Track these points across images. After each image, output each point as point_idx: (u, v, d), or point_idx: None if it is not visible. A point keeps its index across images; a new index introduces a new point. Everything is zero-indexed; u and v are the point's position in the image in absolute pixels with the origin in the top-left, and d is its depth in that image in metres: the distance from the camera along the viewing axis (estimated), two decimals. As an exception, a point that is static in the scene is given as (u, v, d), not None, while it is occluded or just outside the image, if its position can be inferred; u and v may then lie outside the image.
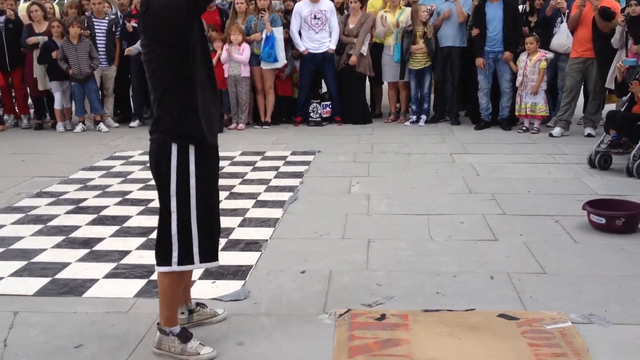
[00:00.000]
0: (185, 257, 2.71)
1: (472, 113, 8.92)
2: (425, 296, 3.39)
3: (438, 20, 8.59)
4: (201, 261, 2.74)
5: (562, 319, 3.07)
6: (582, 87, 8.04)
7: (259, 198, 5.35)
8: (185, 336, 2.81)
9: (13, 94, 9.48)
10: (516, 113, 8.22)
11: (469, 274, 3.67)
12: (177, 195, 2.67)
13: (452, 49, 8.53)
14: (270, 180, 5.95)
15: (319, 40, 8.77)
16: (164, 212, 2.71)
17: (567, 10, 7.87)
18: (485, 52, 8.18)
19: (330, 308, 3.25)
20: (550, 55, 7.98)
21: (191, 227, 2.70)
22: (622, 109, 6.40)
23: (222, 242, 4.15)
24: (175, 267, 2.72)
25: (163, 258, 2.73)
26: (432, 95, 9.21)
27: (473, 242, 4.20)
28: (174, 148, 2.65)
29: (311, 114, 9.04)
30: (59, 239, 4.39)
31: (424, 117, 8.91)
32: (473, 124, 8.63)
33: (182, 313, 3.04)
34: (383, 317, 3.14)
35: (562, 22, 7.99)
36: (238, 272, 3.72)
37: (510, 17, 8.07)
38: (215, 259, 2.83)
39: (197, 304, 3.14)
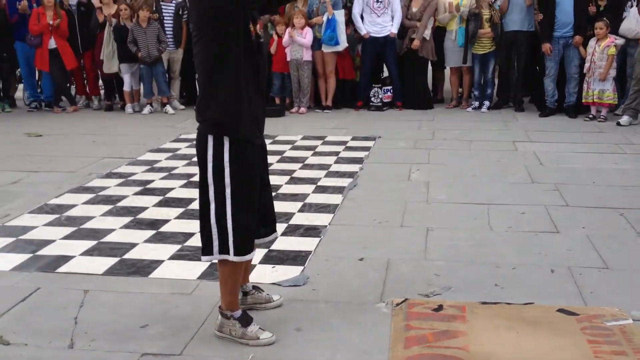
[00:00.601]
0: (224, 248, 2.76)
1: (537, 99, 8.71)
2: (484, 288, 3.38)
3: (504, 3, 8.38)
4: (235, 254, 2.77)
5: (623, 315, 3.01)
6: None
7: (319, 183, 5.41)
8: (245, 320, 2.89)
9: (85, 75, 9.85)
10: (583, 100, 7.98)
11: (528, 267, 3.63)
12: (214, 185, 2.72)
13: (519, 34, 8.32)
14: (331, 165, 6.01)
15: (381, 24, 8.72)
16: (203, 201, 2.77)
17: (640, -6, 7.56)
18: (554, 37, 7.94)
19: (387, 297, 3.29)
20: (620, 41, 7.69)
21: (227, 220, 2.73)
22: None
23: (282, 227, 4.25)
24: (216, 256, 2.78)
25: (205, 247, 2.81)
26: (496, 81, 9.04)
27: (534, 234, 4.14)
28: (210, 140, 2.70)
29: (372, 99, 9.02)
30: (127, 219, 4.58)
31: (486, 103, 8.76)
32: (538, 111, 8.43)
33: None
34: (440, 307, 3.15)
35: (632, 6, 7.69)
36: (297, 258, 3.80)
37: (581, 0, 7.80)
38: (249, 252, 2.83)
39: (254, 287, 3.20)
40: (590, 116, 7.89)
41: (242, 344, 2.84)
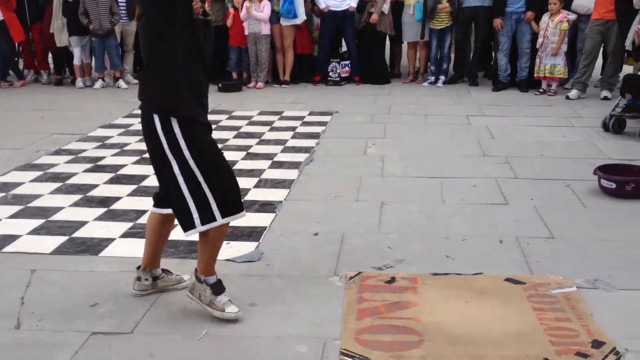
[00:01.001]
0: (206, 216, 2.71)
1: (492, 74, 8.82)
2: (435, 260, 3.44)
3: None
4: (223, 216, 2.72)
5: (568, 283, 3.11)
6: (601, 49, 7.88)
7: (275, 159, 5.39)
8: (217, 289, 2.86)
9: (33, 49, 9.53)
10: (535, 75, 8.11)
11: (478, 238, 3.71)
12: (176, 160, 2.67)
13: (478, 9, 8.35)
14: (287, 140, 5.99)
15: (340, -3, 8.65)
16: (168, 177, 2.71)
17: (591, -30, 7.66)
18: (507, 13, 8.02)
19: (341, 270, 3.32)
20: (572, 16, 7.83)
21: (202, 188, 2.68)
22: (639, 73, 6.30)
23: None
24: (199, 228, 2.73)
25: (185, 222, 2.75)
26: (452, 56, 9.10)
27: (484, 206, 4.22)
28: (156, 118, 2.65)
29: (330, 74, 9.00)
30: (76, 197, 4.49)
31: (442, 77, 8.83)
32: (492, 86, 8.54)
33: (146, 279, 3.07)
34: (393, 280, 3.20)
35: (584, -19, 7.79)
36: (252, 234, 3.79)
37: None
38: (239, 211, 2.79)
39: (163, 270, 3.14)
40: (541, 90, 8.04)
41: (206, 311, 2.84)
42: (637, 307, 2.91)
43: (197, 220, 2.72)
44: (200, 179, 2.68)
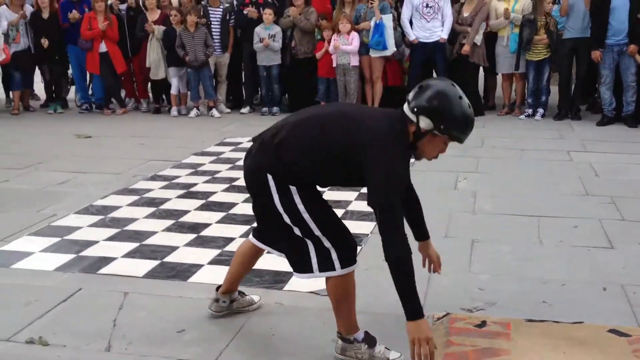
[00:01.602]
0: (325, 264, 2.64)
1: (597, 108, 8.41)
2: (530, 305, 3.23)
3: (562, 10, 8.12)
4: (342, 267, 2.64)
5: (678, 337, 2.83)
6: None
7: (362, 190, 5.31)
8: (371, 340, 2.77)
9: (134, 79, 10.01)
10: (642, 110, 7.67)
11: (579, 284, 3.47)
12: (287, 213, 2.62)
13: (580, 41, 8.04)
14: (375, 172, 5.89)
15: (430, 29, 8.58)
16: (280, 226, 2.66)
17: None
18: (608, 45, 7.67)
19: (428, 310, 3.15)
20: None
21: (320, 239, 2.62)
22: None
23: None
24: (317, 274, 2.66)
25: (302, 265, 2.69)
26: (551, 88, 8.77)
27: (586, 249, 3.96)
28: (271, 180, 2.61)
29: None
30: (169, 222, 4.59)
31: (540, 110, 8.51)
32: (597, 120, 8.13)
33: (224, 302, 3.10)
34: (484, 324, 3.03)
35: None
36: (337, 266, 3.71)
37: (637, 6, 7.49)
38: (354, 261, 2.73)
39: (239, 292, 3.16)
40: (651, 125, 7.58)
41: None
42: None
43: (315, 266, 2.65)
44: (317, 232, 2.62)
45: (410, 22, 8.67)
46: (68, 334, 2.99)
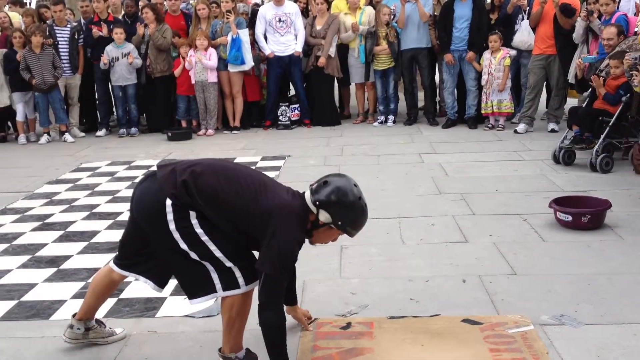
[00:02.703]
0: (229, 284, 2.62)
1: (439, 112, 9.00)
2: (399, 303, 3.39)
3: (399, 21, 8.56)
4: (247, 284, 2.64)
5: (525, 322, 3.09)
6: (545, 83, 8.14)
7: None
8: (252, 358, 2.77)
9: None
10: (482, 112, 8.30)
11: (441, 278, 3.69)
12: (184, 239, 2.59)
13: (417, 51, 8.54)
14: (241, 187, 5.89)
15: (285, 43, 8.74)
16: (174, 251, 2.61)
17: (528, 8, 7.94)
18: (450, 51, 8.24)
19: (303, 319, 3.22)
20: (513, 52, 8.08)
21: (221, 260, 2.60)
22: (584, 105, 6.50)
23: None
24: (220, 293, 2.63)
25: (200, 287, 2.65)
26: (400, 95, 9.24)
27: (444, 245, 4.22)
28: (169, 204, 2.57)
29: (280, 117, 9.01)
30: (24, 258, 4.29)
31: (391, 117, 8.94)
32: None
33: (79, 329, 3.01)
34: (348, 325, 3.14)
35: (523, 19, 8.05)
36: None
37: (477, 18, 8.12)
38: (257, 279, 2.70)
39: (96, 321, 3.08)
40: (490, 125, 8.22)
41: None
42: (604, 342, 2.91)
43: (218, 285, 2.62)
44: (218, 253, 2.60)
45: (265, 37, 8.78)
46: None
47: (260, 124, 9.09)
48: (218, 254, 2.60)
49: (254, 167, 6.63)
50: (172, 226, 2.57)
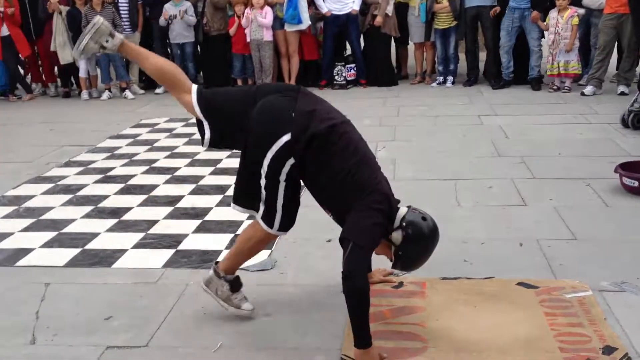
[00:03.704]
0: (268, 220, 2.72)
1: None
2: (453, 264, 3.35)
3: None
4: (278, 230, 2.74)
5: (583, 287, 3.01)
6: (616, 43, 7.77)
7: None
8: (236, 285, 2.87)
9: (40, 62, 9.54)
10: (548, 73, 8.01)
11: (497, 241, 3.62)
12: (266, 178, 2.64)
13: (482, 8, 8.26)
14: (296, 146, 5.91)
15: (342, 1, 8.62)
16: (252, 171, 2.67)
17: (601, -36, 7.56)
18: (510, 8, 7.93)
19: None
20: (582, 11, 7.74)
21: (276, 202, 2.67)
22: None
23: (248, 210, 4.16)
24: (258, 217, 2.74)
25: (249, 204, 2.77)
26: (460, 55, 9.01)
27: (502, 208, 4.14)
28: (284, 140, 2.56)
29: (336, 77, 8.94)
30: (88, 208, 4.44)
31: (450, 78, 8.75)
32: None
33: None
34: (400, 284, 3.13)
35: (594, -25, 7.68)
36: (264, 241, 3.71)
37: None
38: (286, 232, 2.84)
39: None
40: (555, 87, 7.94)
41: (221, 306, 2.86)
42: (665, 309, 2.82)
43: (260, 212, 2.72)
44: (280, 196, 2.66)
45: (323, -5, 8.67)
46: (-12, 331, 2.87)
47: (316, 84, 9.04)
48: (280, 196, 2.65)
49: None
50: (269, 156, 2.56)
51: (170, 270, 3.41)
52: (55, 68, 9.44)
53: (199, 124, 2.80)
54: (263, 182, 2.65)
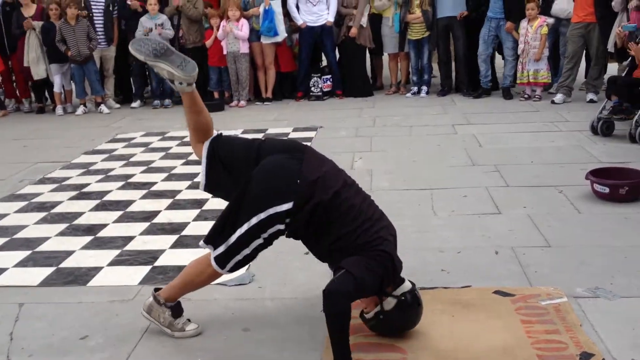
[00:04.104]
0: (224, 261, 2.67)
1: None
2: (430, 274, 3.37)
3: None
4: (228, 271, 2.71)
5: (558, 294, 3.05)
6: (584, 52, 7.93)
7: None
8: (177, 311, 2.86)
9: (13, 78, 9.44)
10: (518, 82, 8.14)
11: (473, 250, 3.66)
12: (248, 225, 2.60)
13: (453, 19, 8.37)
14: (273, 158, 5.91)
15: (317, 12, 8.68)
16: (232, 217, 2.63)
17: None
18: (488, 18, 8.06)
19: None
20: (550, 20, 7.88)
21: (241, 251, 2.64)
22: (623, 74, 6.31)
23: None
24: (212, 256, 2.68)
25: (215, 240, 2.68)
26: (433, 65, 9.11)
27: (477, 216, 4.18)
28: (284, 209, 2.57)
29: (312, 88, 8.98)
30: (62, 226, 4.39)
31: (424, 88, 8.84)
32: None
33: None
34: None
35: (562, -14, 7.84)
36: (242, 255, 3.70)
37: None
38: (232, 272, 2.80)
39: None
40: (526, 96, 8.06)
41: (165, 333, 2.85)
42: None
43: (219, 250, 2.65)
44: (250, 246, 2.62)
45: (297, 7, 8.71)
46: (-39, 354, 2.82)
47: (292, 95, 9.07)
48: (250, 248, 2.62)
49: (285, 138, 6.65)
50: (261, 216, 2.54)
51: (147, 287, 3.37)
52: (29, 83, 9.35)
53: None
54: (240, 231, 2.60)
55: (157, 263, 3.68)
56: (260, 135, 6.87)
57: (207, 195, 4.83)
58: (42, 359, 2.75)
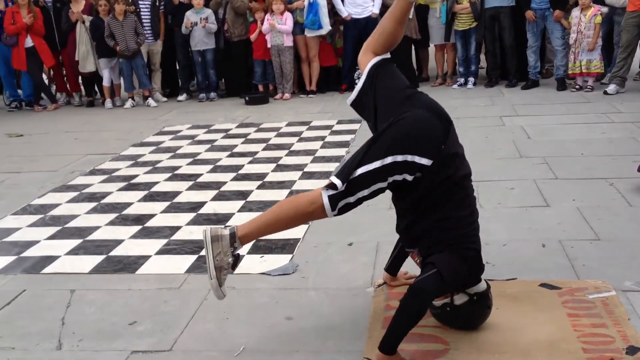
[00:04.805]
0: (336, 199, 2.48)
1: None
2: (475, 266, 3.33)
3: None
4: (338, 213, 2.52)
5: (606, 288, 2.97)
6: (639, 41, 7.67)
7: (306, 169, 5.35)
8: (235, 264, 2.57)
9: (64, 72, 9.71)
10: (570, 72, 7.93)
11: (519, 242, 3.60)
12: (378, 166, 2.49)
13: (500, 9, 8.21)
14: (317, 150, 5.94)
15: (362, 4, 8.63)
16: (363, 155, 2.51)
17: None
18: (532, 9, 7.89)
19: (376, 278, 3.24)
20: (604, 9, 7.64)
21: (363, 192, 2.49)
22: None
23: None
24: (331, 178, 2.50)
25: (340, 175, 2.50)
26: (481, 57, 8.96)
27: (524, 209, 4.10)
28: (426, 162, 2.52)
29: (357, 81, 8.92)
30: (112, 216, 4.51)
31: (471, 79, 8.70)
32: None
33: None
34: None
35: (617, -27, 7.60)
36: (286, 246, 3.74)
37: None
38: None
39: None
40: (577, 87, 7.85)
41: (207, 269, 2.52)
42: (692, 309, 2.77)
43: (339, 179, 2.47)
44: (366, 191, 2.50)
45: (342, 0, 8.69)
46: (16, 336, 2.92)
47: (336, 88, 9.06)
48: (369, 190, 2.49)
49: (329, 131, 6.66)
50: (398, 158, 2.45)
51: (193, 275, 3.44)
52: (80, 77, 9.61)
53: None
54: (366, 168, 2.46)
55: (203, 252, 3.72)
56: (304, 128, 6.90)
57: (252, 186, 4.93)
58: (92, 343, 2.84)
